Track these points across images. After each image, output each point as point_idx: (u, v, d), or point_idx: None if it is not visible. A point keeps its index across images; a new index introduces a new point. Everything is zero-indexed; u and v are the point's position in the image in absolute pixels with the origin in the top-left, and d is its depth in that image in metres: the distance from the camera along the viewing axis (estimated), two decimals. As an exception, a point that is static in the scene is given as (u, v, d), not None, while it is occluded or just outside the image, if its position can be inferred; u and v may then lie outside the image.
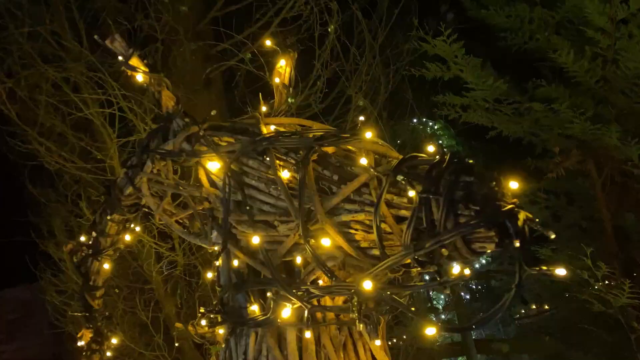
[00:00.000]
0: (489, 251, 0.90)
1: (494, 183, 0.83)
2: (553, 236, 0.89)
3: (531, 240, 0.82)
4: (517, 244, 0.80)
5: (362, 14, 3.56)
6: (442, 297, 6.06)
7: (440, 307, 6.03)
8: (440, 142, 7.04)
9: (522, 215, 0.84)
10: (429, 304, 6.17)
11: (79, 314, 2.06)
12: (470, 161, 0.86)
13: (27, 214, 3.38)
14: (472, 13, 3.34)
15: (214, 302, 1.28)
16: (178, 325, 2.45)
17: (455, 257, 0.86)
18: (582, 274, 2.35)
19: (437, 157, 0.89)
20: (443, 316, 6.18)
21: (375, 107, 3.34)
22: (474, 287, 6.23)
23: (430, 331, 0.89)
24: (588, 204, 3.28)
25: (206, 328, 1.94)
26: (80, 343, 2.15)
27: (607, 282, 2.53)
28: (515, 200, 0.88)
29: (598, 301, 2.37)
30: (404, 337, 4.31)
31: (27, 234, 3.48)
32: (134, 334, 3.10)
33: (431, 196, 0.84)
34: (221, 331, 2.08)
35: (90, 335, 2.00)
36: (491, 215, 0.81)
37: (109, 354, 2.11)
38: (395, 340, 4.37)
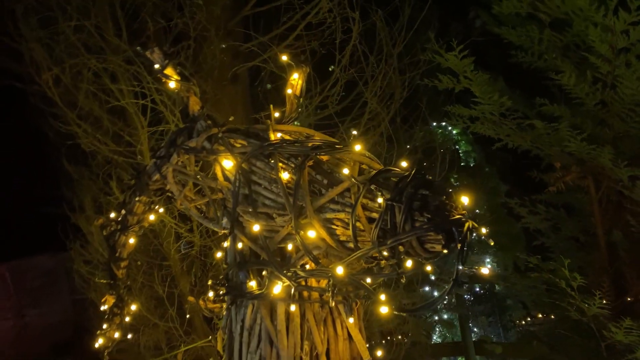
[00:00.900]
0: (443, 251, 1.10)
1: (445, 197, 1.04)
2: (492, 243, 1.09)
3: (471, 245, 1.02)
4: (459, 247, 1.01)
5: (384, 21, 3.75)
6: (446, 297, 6.26)
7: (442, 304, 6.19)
8: (457, 147, 7.17)
9: (467, 224, 1.04)
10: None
11: (104, 281, 2.32)
12: (429, 177, 1.06)
13: (61, 188, 3.67)
14: (489, 27, 3.50)
15: (220, 277, 1.52)
16: (191, 299, 2.69)
17: (412, 254, 1.07)
18: (561, 283, 2.53)
19: (406, 172, 1.10)
20: (445, 316, 6.37)
21: (389, 112, 3.53)
22: (478, 290, 6.39)
23: (383, 309, 1.10)
24: (586, 219, 3.43)
25: (213, 302, 2.19)
26: (104, 307, 2.42)
27: (597, 293, 2.69)
28: (464, 212, 1.08)
29: (575, 310, 2.55)
30: (410, 333, 4.50)
31: (59, 207, 3.79)
32: (150, 306, 3.36)
33: (395, 204, 1.05)
34: None
35: (113, 300, 2.26)
36: (440, 223, 1.02)
37: (127, 319, 2.37)
38: (400, 337, 4.58)
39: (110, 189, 3.36)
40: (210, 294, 1.53)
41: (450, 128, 7.03)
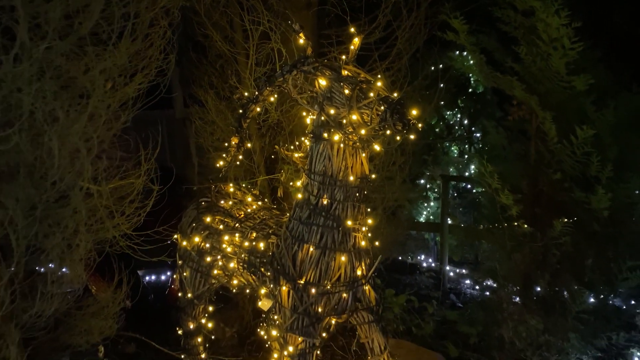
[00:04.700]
0: (403, 131, 2.88)
1: (407, 108, 2.80)
2: (420, 125, 2.87)
3: (412, 129, 2.79)
4: (407, 128, 2.78)
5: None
6: (435, 190, 8.13)
7: (431, 196, 8.05)
8: (471, 76, 8.60)
9: (412, 121, 2.82)
10: (425, 193, 8.26)
11: (234, 127, 4.15)
12: (403, 102, 2.82)
13: (185, 69, 5.46)
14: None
15: (307, 130, 3.34)
16: (276, 147, 4.54)
17: (390, 129, 2.85)
18: (490, 181, 4.35)
19: (395, 97, 2.86)
20: (432, 203, 8.29)
21: (411, 49, 5.16)
22: (460, 190, 8.24)
23: (376, 147, 2.92)
24: (528, 140, 5.16)
25: (286, 151, 4.04)
26: (227, 144, 4.26)
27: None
28: (413, 114, 2.85)
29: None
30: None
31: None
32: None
33: (387, 109, 2.82)
34: (296, 155, 4.18)
35: (237, 140, 4.10)
36: (401, 118, 2.79)
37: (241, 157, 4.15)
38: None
39: (220, 75, 5.16)
40: (292, 147, 3.37)
41: (469, 57, 8.39)
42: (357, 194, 3.22)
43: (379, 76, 3.15)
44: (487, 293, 6.94)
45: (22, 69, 2.59)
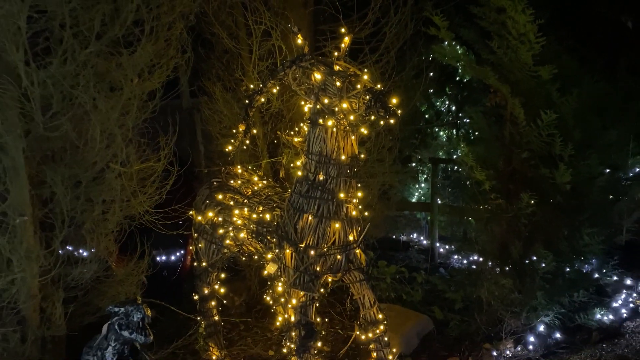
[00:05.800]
0: (386, 117, 3.45)
1: (388, 98, 3.37)
2: (400, 112, 3.44)
3: (393, 115, 3.36)
4: (389, 114, 3.35)
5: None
6: (425, 170, 8.70)
7: (422, 178, 8.60)
8: (458, 64, 9.09)
9: (394, 108, 3.39)
10: (416, 175, 8.82)
11: (241, 115, 4.71)
12: (385, 92, 3.38)
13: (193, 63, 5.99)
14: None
15: (305, 117, 3.91)
16: (279, 132, 5.12)
17: (375, 115, 3.42)
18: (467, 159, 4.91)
19: (378, 88, 3.43)
20: (423, 185, 8.86)
21: (398, 44, 5.71)
22: (449, 172, 8.79)
23: (363, 130, 3.49)
24: (504, 123, 5.71)
25: (287, 136, 4.62)
26: (236, 131, 4.83)
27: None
28: (394, 102, 3.42)
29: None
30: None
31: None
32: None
33: (372, 99, 3.38)
34: (296, 139, 4.76)
35: (244, 127, 4.66)
36: (384, 106, 3.36)
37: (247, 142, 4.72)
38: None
39: (226, 68, 5.71)
40: (292, 132, 3.94)
41: (458, 48, 8.92)
42: (349, 171, 3.79)
43: (366, 70, 3.71)
44: (474, 267, 7.52)
45: (69, 69, 3.15)
